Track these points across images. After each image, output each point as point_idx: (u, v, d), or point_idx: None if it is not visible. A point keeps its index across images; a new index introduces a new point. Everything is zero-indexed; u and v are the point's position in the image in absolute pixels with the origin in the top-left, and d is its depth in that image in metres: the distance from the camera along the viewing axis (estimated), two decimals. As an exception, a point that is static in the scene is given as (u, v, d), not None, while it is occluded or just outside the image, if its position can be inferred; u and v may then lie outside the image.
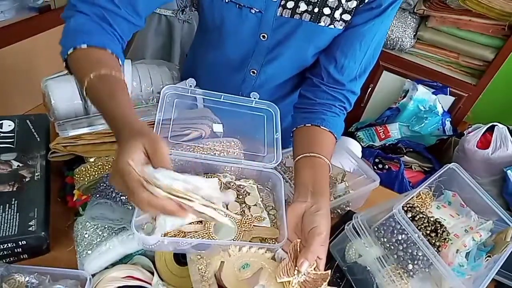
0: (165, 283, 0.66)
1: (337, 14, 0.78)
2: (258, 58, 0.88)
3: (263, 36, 0.83)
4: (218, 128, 0.85)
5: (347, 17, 0.79)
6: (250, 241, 0.65)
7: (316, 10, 0.77)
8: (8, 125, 0.82)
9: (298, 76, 0.96)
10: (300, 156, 0.76)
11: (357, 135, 2.16)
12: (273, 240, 0.67)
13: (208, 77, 1.01)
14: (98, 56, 0.66)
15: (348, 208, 0.90)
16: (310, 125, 0.82)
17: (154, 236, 0.57)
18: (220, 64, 0.95)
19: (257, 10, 0.78)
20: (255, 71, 0.92)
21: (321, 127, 0.81)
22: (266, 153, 0.78)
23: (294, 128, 0.85)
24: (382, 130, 2.10)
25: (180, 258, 0.68)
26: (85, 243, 0.65)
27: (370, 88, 2.15)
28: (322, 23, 0.79)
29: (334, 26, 0.80)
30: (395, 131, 2.08)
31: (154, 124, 0.81)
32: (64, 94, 0.84)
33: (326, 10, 0.78)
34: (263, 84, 0.94)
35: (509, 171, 1.75)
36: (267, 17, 0.79)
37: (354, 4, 0.77)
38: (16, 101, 1.55)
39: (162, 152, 0.52)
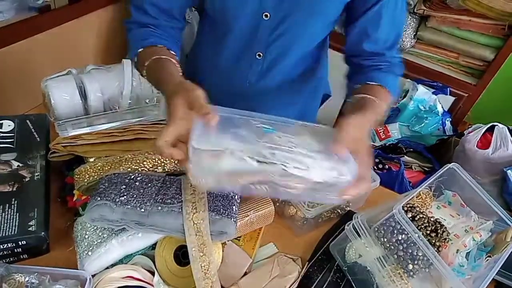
0: (165, 283, 0.66)
1: None
2: (262, 39, 0.88)
3: (266, 15, 0.83)
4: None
5: None
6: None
7: None
8: (8, 125, 0.82)
9: (308, 55, 0.96)
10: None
11: (357, 135, 2.16)
12: None
13: (212, 72, 1.01)
14: (153, 50, 0.78)
15: (348, 208, 0.90)
16: (358, 85, 0.82)
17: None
18: (224, 55, 0.95)
19: None
20: (261, 54, 0.91)
21: (368, 82, 0.81)
22: None
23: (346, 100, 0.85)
24: (382, 130, 2.10)
25: (181, 258, 0.68)
26: (85, 244, 0.65)
27: (370, 88, 2.15)
28: None
29: None
30: (395, 131, 2.08)
31: (154, 124, 0.82)
32: (64, 94, 0.84)
33: None
34: (271, 67, 0.94)
35: (509, 171, 1.75)
36: None
37: None
38: (16, 101, 1.54)
39: (199, 101, 0.57)
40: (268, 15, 0.82)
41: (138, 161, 0.72)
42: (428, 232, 0.69)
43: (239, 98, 1.02)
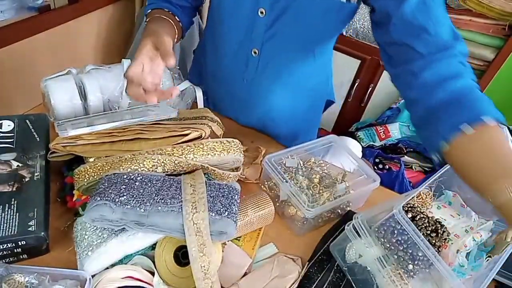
0: (165, 283, 0.66)
1: None
2: (257, 36, 0.88)
3: (261, 12, 0.83)
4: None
5: None
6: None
7: None
8: (7, 125, 0.82)
9: (307, 57, 0.94)
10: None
11: (357, 135, 2.16)
12: None
13: (213, 72, 1.04)
14: (160, 10, 0.93)
15: (348, 208, 0.90)
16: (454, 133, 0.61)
17: None
18: (222, 52, 0.97)
19: None
20: (257, 51, 0.91)
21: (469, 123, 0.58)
22: None
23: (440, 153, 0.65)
24: (383, 130, 2.09)
25: (181, 259, 0.68)
26: (85, 244, 0.65)
27: (370, 88, 2.15)
28: None
29: None
30: (395, 131, 2.08)
31: (154, 124, 0.82)
32: (64, 94, 0.84)
33: None
34: (267, 64, 0.93)
35: (509, 171, 1.75)
36: None
37: None
38: (16, 101, 1.54)
39: (165, 44, 0.79)
40: (264, 11, 0.83)
41: (138, 161, 0.72)
42: (428, 232, 0.69)
43: (237, 98, 1.03)
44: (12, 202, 0.68)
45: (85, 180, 0.71)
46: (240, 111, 1.08)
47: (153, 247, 0.69)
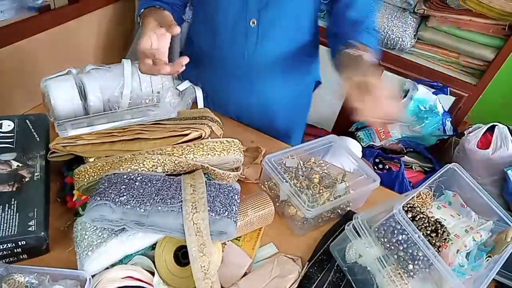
0: (165, 283, 0.66)
1: None
2: (253, 5, 0.93)
3: None
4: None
5: None
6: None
7: None
8: (7, 125, 0.82)
9: (300, 32, 1.04)
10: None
11: (357, 135, 2.16)
12: None
13: (210, 54, 1.07)
14: (151, 8, 0.93)
15: (348, 208, 0.90)
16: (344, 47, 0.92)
17: None
18: (219, 31, 1.00)
19: None
20: (255, 21, 0.95)
21: (352, 42, 0.91)
22: None
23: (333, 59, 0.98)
24: (383, 130, 2.09)
25: (181, 259, 0.68)
26: (85, 244, 0.65)
27: (370, 88, 2.15)
28: None
29: None
30: (395, 131, 2.08)
31: (154, 124, 0.82)
32: (63, 94, 0.84)
33: None
34: (267, 33, 0.98)
35: (509, 171, 1.75)
36: None
37: None
38: (16, 101, 1.54)
39: (167, 18, 0.84)
40: None
41: (138, 161, 0.72)
42: (428, 232, 0.69)
43: (237, 75, 1.06)
44: (12, 202, 0.68)
45: (85, 180, 0.71)
46: (239, 92, 1.11)
47: (153, 247, 0.69)
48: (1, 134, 0.79)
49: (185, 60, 0.79)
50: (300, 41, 1.06)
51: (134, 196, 0.64)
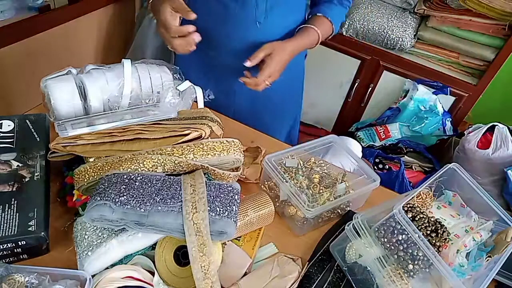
0: (165, 283, 0.66)
1: None
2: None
3: None
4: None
5: None
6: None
7: None
8: (7, 125, 0.82)
9: (298, 10, 1.12)
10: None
11: (357, 135, 2.16)
12: None
13: (221, 28, 1.10)
14: None
15: (348, 208, 0.90)
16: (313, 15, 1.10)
17: None
18: (229, 4, 1.05)
19: None
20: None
21: (318, 14, 1.09)
22: None
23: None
24: (383, 130, 2.09)
25: (181, 258, 0.68)
26: (85, 244, 0.65)
27: (370, 88, 2.15)
28: None
29: None
30: (395, 131, 2.08)
31: (154, 124, 0.82)
32: (63, 94, 0.84)
33: None
34: (274, 3, 1.04)
35: (509, 171, 1.75)
36: None
37: None
38: (16, 101, 1.54)
39: (182, 5, 0.89)
40: None
41: (138, 161, 0.72)
42: (428, 232, 0.69)
43: (250, 43, 1.10)
44: (12, 202, 0.68)
45: (85, 180, 0.71)
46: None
47: (153, 247, 0.69)
48: (1, 134, 0.79)
49: (193, 15, 0.88)
50: (297, 19, 1.13)
51: (134, 196, 0.64)
